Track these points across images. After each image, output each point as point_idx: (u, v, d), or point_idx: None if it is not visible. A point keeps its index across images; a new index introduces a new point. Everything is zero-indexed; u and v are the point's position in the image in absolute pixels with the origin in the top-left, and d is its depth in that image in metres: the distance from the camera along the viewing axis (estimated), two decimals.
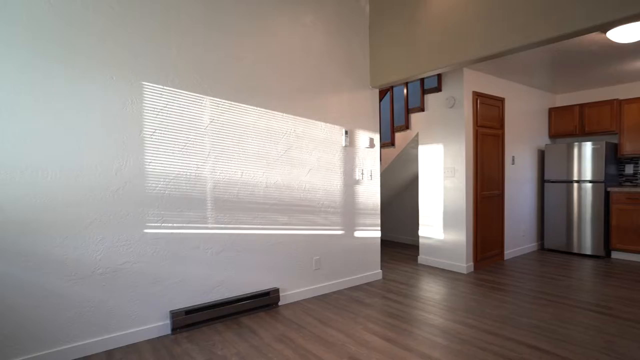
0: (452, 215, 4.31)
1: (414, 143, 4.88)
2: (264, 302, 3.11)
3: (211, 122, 2.85)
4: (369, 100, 3.88)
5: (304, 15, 3.34)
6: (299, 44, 3.33)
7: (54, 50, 2.25)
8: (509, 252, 4.89)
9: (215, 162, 2.88)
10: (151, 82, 2.58)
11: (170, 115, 2.67)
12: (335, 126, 3.60)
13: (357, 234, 3.79)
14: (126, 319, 2.54)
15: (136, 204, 2.54)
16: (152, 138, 2.59)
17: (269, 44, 3.14)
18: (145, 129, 2.57)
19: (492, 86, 4.57)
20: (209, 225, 2.86)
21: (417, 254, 5.10)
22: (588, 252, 4.91)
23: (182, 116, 2.72)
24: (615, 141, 5.18)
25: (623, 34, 3.05)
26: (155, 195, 2.61)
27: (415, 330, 2.71)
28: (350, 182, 3.72)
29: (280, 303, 3.25)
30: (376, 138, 3.95)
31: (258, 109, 3.09)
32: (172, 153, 2.68)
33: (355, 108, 3.76)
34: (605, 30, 3.13)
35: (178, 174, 2.71)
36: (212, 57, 2.85)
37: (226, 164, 2.93)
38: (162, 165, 2.64)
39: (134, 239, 2.54)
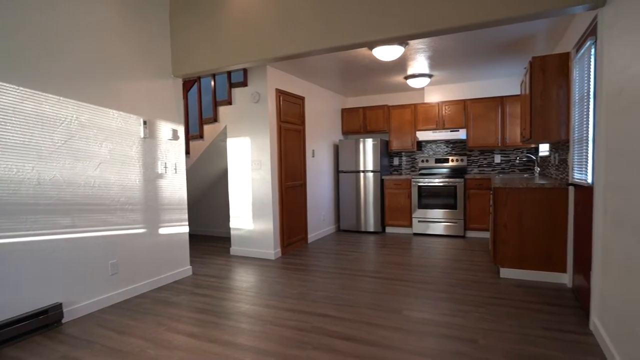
0: (260, 205, 4.55)
1: (223, 136, 4.90)
2: (41, 322, 2.59)
3: None
4: (172, 89, 3.67)
5: None
6: (84, 19, 2.85)
7: None
8: (312, 235, 5.50)
9: None
10: None
11: None
12: (132, 115, 3.27)
13: (162, 231, 3.56)
14: None
15: None
16: None
17: (40, 12, 2.58)
18: None
19: (294, 85, 5.00)
20: None
21: (230, 245, 5.18)
22: (371, 229, 5.99)
23: None
24: (387, 139, 6.46)
25: (383, 53, 3.82)
26: None
27: (222, 320, 2.76)
28: (152, 177, 3.46)
29: (65, 320, 2.77)
30: (181, 130, 3.78)
31: (21, 88, 2.51)
32: None
33: (156, 97, 3.50)
34: (371, 48, 3.84)
35: None
36: None
37: None
38: None
39: None
